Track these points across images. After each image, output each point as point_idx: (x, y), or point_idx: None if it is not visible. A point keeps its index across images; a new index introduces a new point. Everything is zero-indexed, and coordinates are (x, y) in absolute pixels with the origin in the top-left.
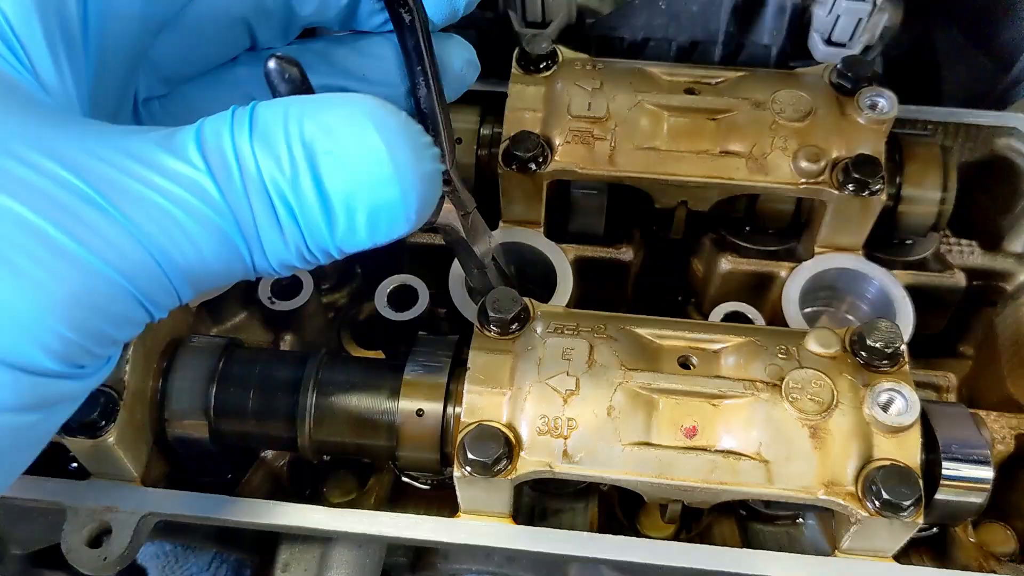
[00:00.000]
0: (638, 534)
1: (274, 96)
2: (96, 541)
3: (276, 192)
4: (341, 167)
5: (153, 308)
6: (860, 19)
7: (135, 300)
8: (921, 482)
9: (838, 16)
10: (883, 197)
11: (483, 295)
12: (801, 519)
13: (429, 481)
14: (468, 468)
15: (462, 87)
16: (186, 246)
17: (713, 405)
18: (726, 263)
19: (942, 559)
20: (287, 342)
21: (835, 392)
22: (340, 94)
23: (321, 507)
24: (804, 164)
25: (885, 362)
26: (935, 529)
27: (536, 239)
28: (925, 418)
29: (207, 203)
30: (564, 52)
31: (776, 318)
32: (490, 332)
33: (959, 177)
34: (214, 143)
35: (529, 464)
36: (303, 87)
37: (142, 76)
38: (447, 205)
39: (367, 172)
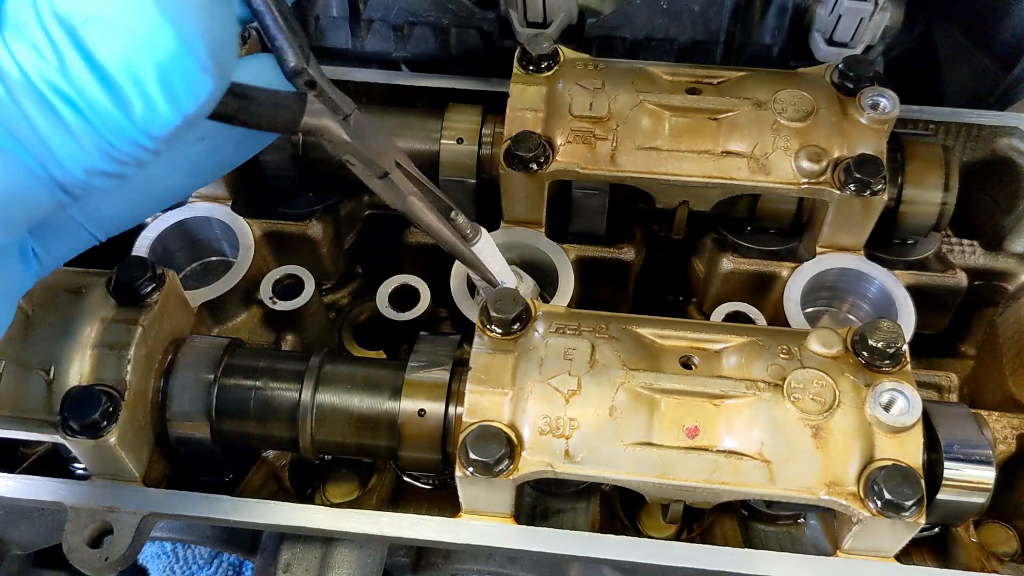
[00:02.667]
0: (639, 534)
1: None
2: (97, 541)
3: (47, 85)
4: (106, 31)
5: None
6: (862, 19)
7: None
8: (923, 482)
9: (840, 16)
10: (884, 197)
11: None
12: (803, 519)
13: (430, 481)
14: (470, 468)
15: None
16: None
17: (715, 405)
18: (727, 263)
19: (944, 559)
20: (288, 342)
21: (837, 392)
22: None
23: (322, 507)
24: (806, 164)
25: (887, 362)
26: (936, 529)
27: (538, 239)
28: (927, 418)
29: None
30: (565, 52)
31: (778, 318)
32: (492, 332)
33: (960, 177)
34: None
35: (531, 464)
36: None
37: None
38: (315, 105)
39: (134, 26)
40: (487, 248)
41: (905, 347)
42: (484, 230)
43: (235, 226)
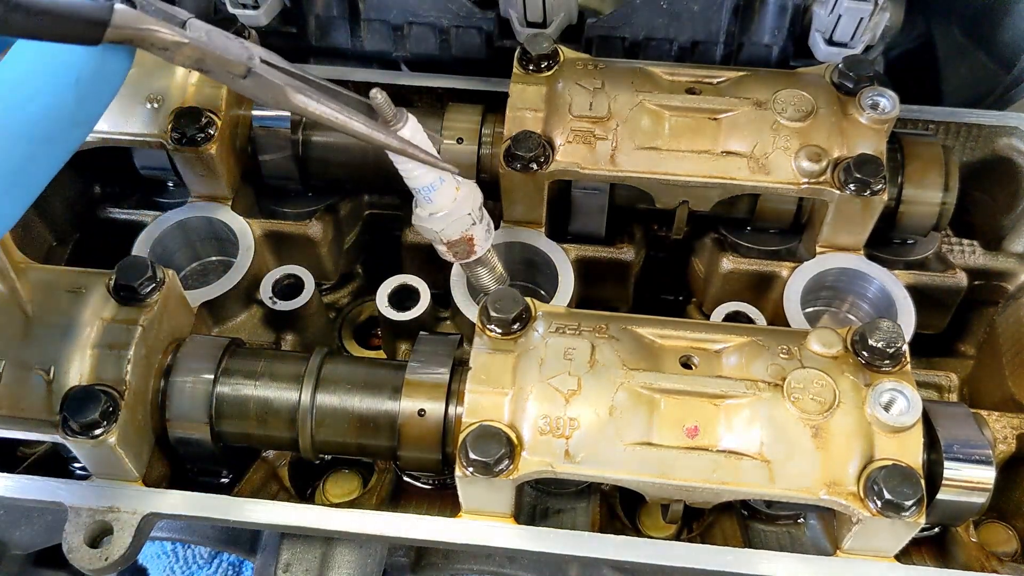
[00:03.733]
0: (639, 534)
1: None
2: (97, 541)
3: None
4: None
5: None
6: (862, 19)
7: None
8: (923, 482)
9: (840, 16)
10: (884, 197)
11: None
12: (803, 519)
13: (431, 481)
14: (470, 468)
15: None
16: None
17: (715, 405)
18: (727, 263)
19: (943, 559)
20: (288, 342)
21: (837, 392)
22: None
23: (322, 507)
24: (805, 164)
25: (887, 362)
26: (936, 529)
27: (538, 239)
28: (927, 418)
29: None
30: (565, 52)
31: (777, 318)
32: (492, 332)
33: (960, 177)
34: None
35: (531, 464)
36: None
37: None
38: (131, 11)
39: None
40: (417, 134)
41: (905, 347)
42: (410, 114)
43: (235, 226)
